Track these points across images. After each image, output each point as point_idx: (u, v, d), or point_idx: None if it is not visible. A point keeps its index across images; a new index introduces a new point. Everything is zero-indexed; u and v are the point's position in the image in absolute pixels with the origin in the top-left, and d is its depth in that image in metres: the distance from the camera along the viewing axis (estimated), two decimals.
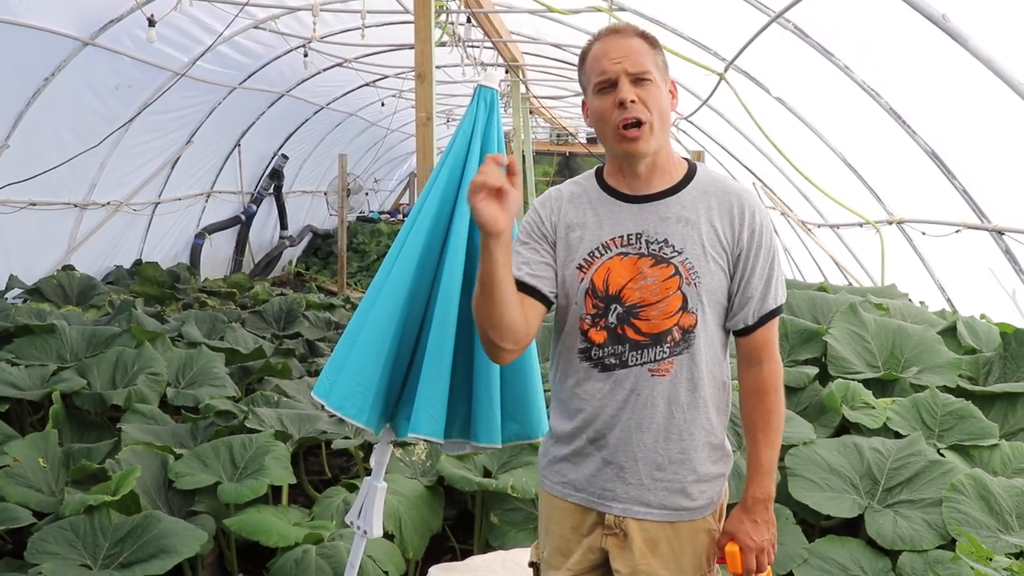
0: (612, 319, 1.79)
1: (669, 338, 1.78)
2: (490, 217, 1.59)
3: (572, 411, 1.87)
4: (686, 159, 1.89)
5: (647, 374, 1.79)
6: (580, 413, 1.85)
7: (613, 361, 1.80)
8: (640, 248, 1.79)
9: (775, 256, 1.83)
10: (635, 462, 1.82)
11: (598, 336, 1.81)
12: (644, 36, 1.80)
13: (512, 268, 1.74)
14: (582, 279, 1.81)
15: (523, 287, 1.81)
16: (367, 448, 4.20)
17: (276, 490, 3.79)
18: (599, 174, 1.90)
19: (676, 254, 1.77)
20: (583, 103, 1.87)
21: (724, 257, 1.79)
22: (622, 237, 1.81)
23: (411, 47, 4.55)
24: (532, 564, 2.04)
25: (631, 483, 1.82)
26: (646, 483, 1.82)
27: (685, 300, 1.77)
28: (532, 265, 1.84)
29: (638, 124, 1.74)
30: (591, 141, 17.81)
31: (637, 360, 1.79)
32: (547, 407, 2.18)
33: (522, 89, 10.88)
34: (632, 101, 1.73)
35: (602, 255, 1.81)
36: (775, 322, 1.85)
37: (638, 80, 1.74)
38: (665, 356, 1.78)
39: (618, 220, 1.82)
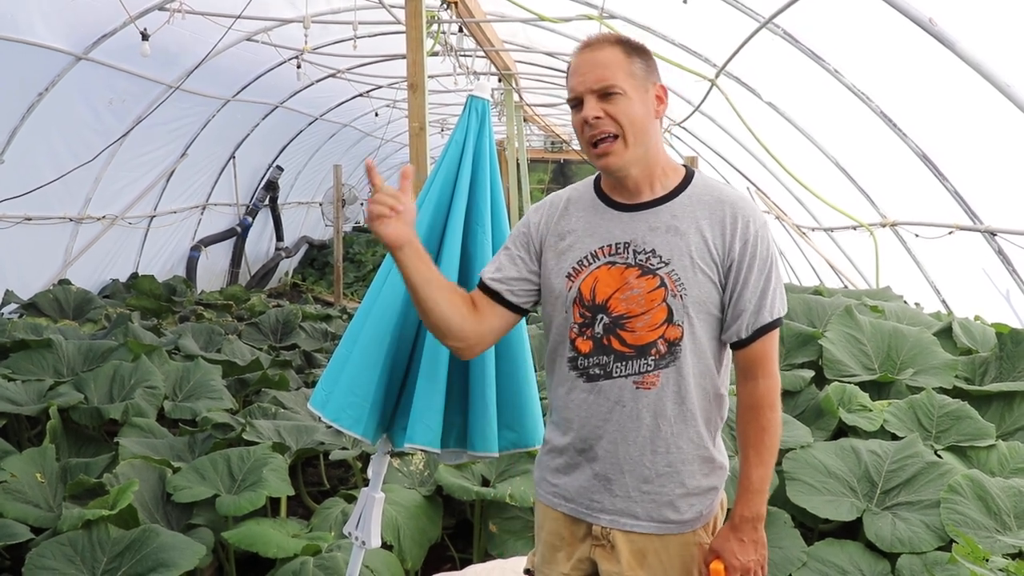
0: (598, 329, 1.77)
1: (654, 351, 1.74)
2: (391, 233, 1.74)
3: (562, 420, 1.87)
4: (684, 166, 1.85)
5: (632, 386, 1.76)
6: (568, 423, 1.84)
7: (598, 372, 1.78)
8: (627, 258, 1.76)
9: (772, 268, 1.76)
10: (622, 474, 1.79)
11: (584, 346, 1.79)
12: (620, 43, 1.76)
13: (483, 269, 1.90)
14: (570, 288, 1.80)
15: (485, 289, 1.87)
16: (365, 459, 4.19)
17: (274, 502, 3.79)
18: (598, 181, 1.88)
19: (662, 265, 1.73)
20: None
21: (714, 268, 1.74)
22: (610, 246, 1.78)
23: (403, 57, 4.57)
24: (527, 571, 2.03)
25: (618, 495, 1.80)
26: (633, 495, 1.79)
27: (671, 312, 1.73)
28: (503, 270, 1.87)
29: (608, 138, 1.71)
30: None
31: (621, 372, 1.76)
32: (543, 415, 2.19)
33: (515, 97, 10.91)
34: (597, 117, 1.70)
35: (590, 264, 1.79)
36: (773, 336, 1.79)
37: (604, 95, 1.71)
38: (650, 369, 1.75)
39: (608, 229, 1.79)
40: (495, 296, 1.86)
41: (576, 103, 1.75)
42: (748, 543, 1.78)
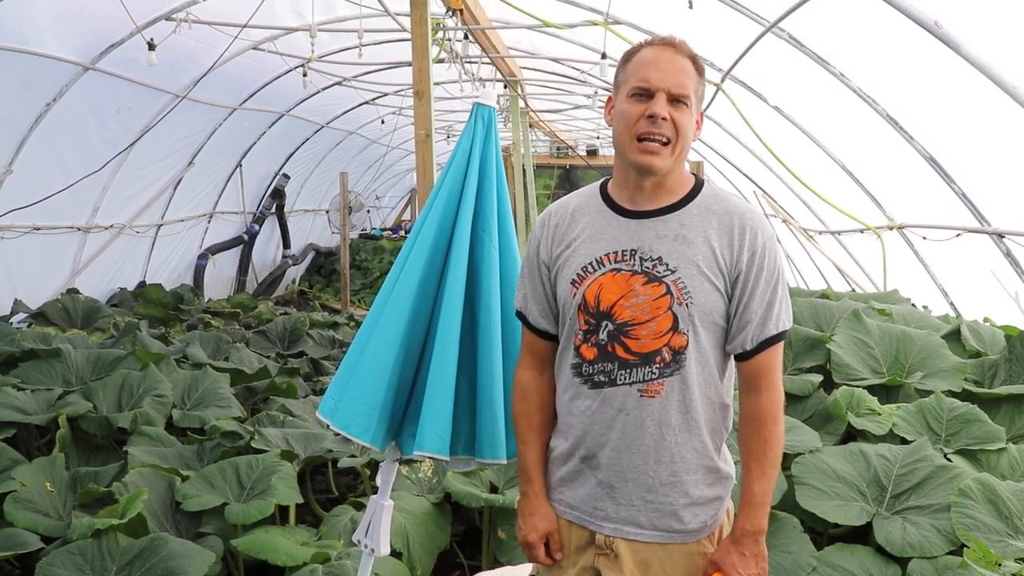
0: (603, 336, 1.77)
1: (659, 359, 1.74)
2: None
3: (566, 427, 1.87)
4: (694, 174, 1.86)
5: (636, 394, 1.75)
6: (572, 430, 1.85)
7: (602, 379, 1.78)
8: (634, 265, 1.76)
9: (779, 280, 1.77)
10: (625, 483, 1.79)
11: (589, 352, 1.79)
12: (695, 60, 1.78)
13: (517, 297, 1.95)
14: (575, 294, 1.80)
15: (535, 331, 1.93)
16: (373, 466, 4.20)
17: (283, 510, 3.79)
18: (604, 186, 1.88)
19: (669, 273, 1.73)
20: (609, 99, 1.85)
21: (721, 278, 1.73)
22: (616, 253, 1.78)
23: (409, 65, 4.58)
24: None
25: (622, 503, 1.80)
26: (636, 504, 1.79)
27: (676, 320, 1.73)
28: (539, 303, 1.91)
29: (662, 140, 1.72)
30: (590, 154, 17.84)
31: (626, 379, 1.76)
32: None
33: (521, 103, 10.92)
34: (664, 118, 1.70)
35: (595, 270, 1.79)
36: (777, 348, 1.78)
37: (675, 100, 1.72)
38: (655, 377, 1.74)
39: (614, 235, 1.79)
40: (546, 335, 1.93)
41: (644, 94, 1.73)
42: (749, 556, 1.77)
